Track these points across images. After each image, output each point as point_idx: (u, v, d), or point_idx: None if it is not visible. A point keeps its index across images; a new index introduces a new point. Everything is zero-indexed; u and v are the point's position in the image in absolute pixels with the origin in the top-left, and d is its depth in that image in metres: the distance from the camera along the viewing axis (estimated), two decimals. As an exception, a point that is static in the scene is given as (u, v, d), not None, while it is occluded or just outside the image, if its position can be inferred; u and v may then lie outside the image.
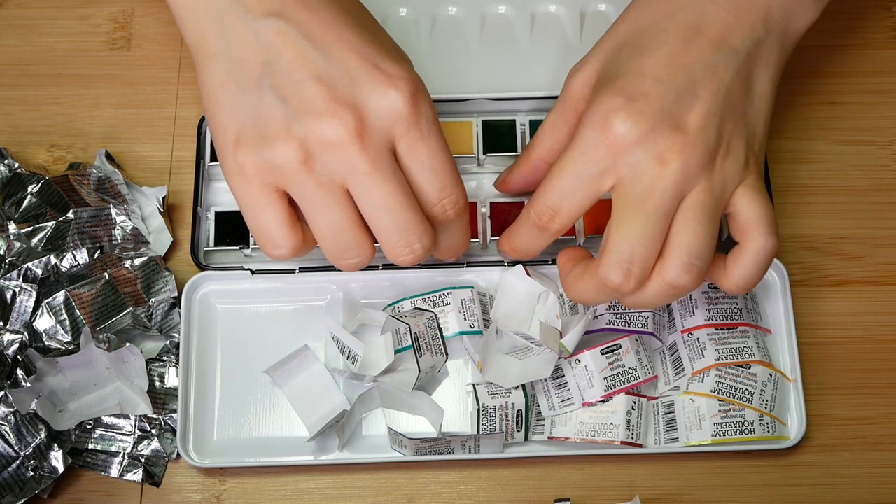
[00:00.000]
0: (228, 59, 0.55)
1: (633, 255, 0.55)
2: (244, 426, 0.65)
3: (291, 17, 0.55)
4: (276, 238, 0.56)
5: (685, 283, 0.56)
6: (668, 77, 0.56)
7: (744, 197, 0.57)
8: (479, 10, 0.73)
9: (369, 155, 0.54)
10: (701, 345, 0.63)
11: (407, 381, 0.62)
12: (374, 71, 0.54)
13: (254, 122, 0.55)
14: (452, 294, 0.64)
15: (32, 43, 0.75)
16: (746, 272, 0.57)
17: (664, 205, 0.55)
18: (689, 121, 0.55)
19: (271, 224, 0.56)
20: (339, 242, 0.56)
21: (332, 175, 0.54)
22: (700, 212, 0.55)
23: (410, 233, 0.56)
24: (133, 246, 0.67)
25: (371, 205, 0.55)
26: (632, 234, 0.55)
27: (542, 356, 0.62)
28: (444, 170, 0.57)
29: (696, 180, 0.55)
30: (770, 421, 0.63)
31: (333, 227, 0.56)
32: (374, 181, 0.54)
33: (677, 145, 0.55)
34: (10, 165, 0.68)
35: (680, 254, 0.55)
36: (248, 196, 0.56)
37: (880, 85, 0.73)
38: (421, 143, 0.55)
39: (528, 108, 0.70)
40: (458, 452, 0.63)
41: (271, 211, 0.56)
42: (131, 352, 0.63)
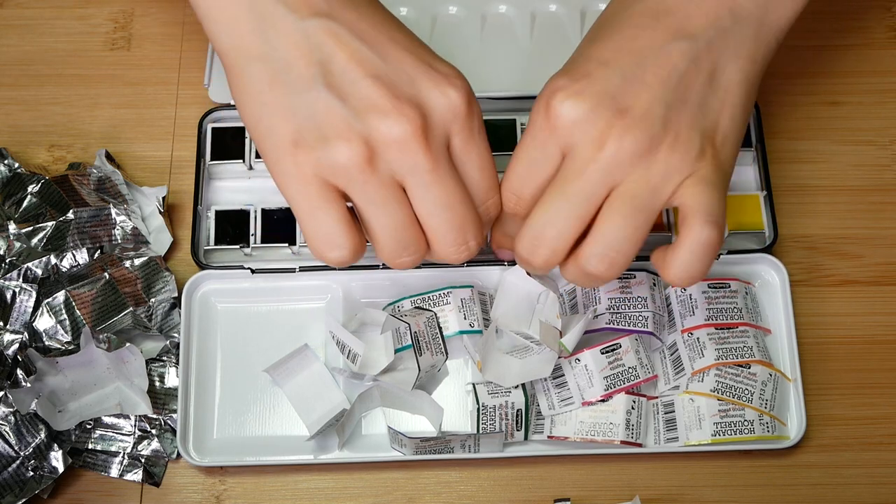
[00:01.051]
0: (274, 60, 0.54)
1: (543, 235, 0.55)
2: (244, 425, 0.65)
3: (340, 17, 0.54)
4: (337, 239, 0.55)
5: (599, 274, 0.55)
6: (614, 61, 0.55)
7: (689, 188, 0.54)
8: (480, 10, 0.73)
9: (432, 153, 0.53)
10: (701, 344, 0.63)
11: (407, 381, 0.62)
12: (431, 70, 0.54)
13: (312, 123, 0.53)
14: (452, 293, 0.64)
15: (32, 43, 0.75)
16: (684, 264, 0.55)
17: (588, 189, 0.54)
18: (632, 105, 0.54)
19: (331, 225, 0.54)
20: (400, 240, 0.55)
21: (393, 174, 0.54)
22: (628, 202, 0.54)
23: (467, 230, 0.56)
24: (133, 246, 0.67)
25: (431, 202, 0.55)
26: (547, 213, 0.55)
27: (542, 356, 0.62)
28: (491, 171, 0.57)
29: (632, 168, 0.54)
30: (770, 421, 0.63)
31: (395, 226, 0.55)
32: (434, 179, 0.54)
33: (615, 129, 0.53)
34: (10, 165, 0.68)
35: (597, 243, 0.54)
36: (306, 198, 0.54)
37: (880, 85, 0.73)
38: (472, 143, 0.56)
39: (528, 107, 0.70)
40: (458, 452, 0.63)
41: (332, 212, 0.54)
42: (131, 352, 0.63)
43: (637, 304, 0.63)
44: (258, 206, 0.68)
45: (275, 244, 0.67)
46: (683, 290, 0.65)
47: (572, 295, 0.65)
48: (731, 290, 0.64)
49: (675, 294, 0.65)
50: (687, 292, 0.64)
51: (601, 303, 0.64)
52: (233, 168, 0.69)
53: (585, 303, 0.64)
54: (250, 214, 0.68)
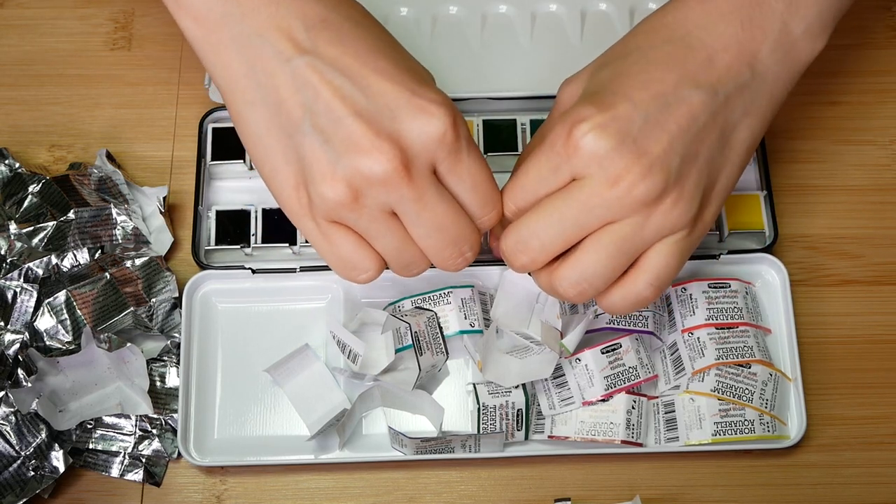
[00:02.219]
0: (267, 104, 0.55)
1: (529, 244, 0.56)
2: (245, 425, 0.65)
3: (324, 53, 0.54)
4: (360, 263, 0.56)
5: (567, 297, 0.56)
6: (641, 101, 0.54)
7: (664, 246, 0.55)
8: (480, 10, 0.73)
9: (415, 184, 0.54)
10: (701, 344, 0.63)
11: (407, 380, 0.62)
12: (413, 99, 0.54)
13: (304, 165, 0.54)
14: (453, 293, 0.64)
15: (33, 43, 0.75)
16: (613, 300, 0.57)
17: (585, 220, 0.55)
18: (651, 151, 0.54)
19: (351, 252, 0.56)
20: (401, 261, 0.57)
21: (382, 206, 0.54)
22: (617, 243, 0.55)
23: (461, 243, 0.56)
24: (134, 246, 0.67)
25: (422, 227, 0.55)
26: (539, 225, 0.56)
27: (543, 356, 0.62)
28: (486, 186, 0.57)
29: (633, 212, 0.54)
30: (770, 420, 0.63)
31: (393, 250, 0.56)
32: (422, 207, 0.54)
33: (632, 173, 0.53)
34: (10, 165, 0.68)
35: (574, 270, 0.55)
36: (318, 233, 0.56)
37: (880, 85, 0.73)
38: (461, 164, 0.55)
39: (528, 107, 0.70)
40: (459, 451, 0.63)
41: (346, 241, 0.56)
42: (132, 352, 0.63)
43: (637, 303, 0.64)
44: (259, 206, 0.68)
45: (275, 244, 0.67)
46: (684, 290, 0.65)
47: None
48: (731, 290, 0.65)
49: (675, 294, 0.65)
50: (687, 292, 0.64)
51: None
52: (233, 168, 0.69)
53: (585, 303, 0.64)
54: (251, 214, 0.68)
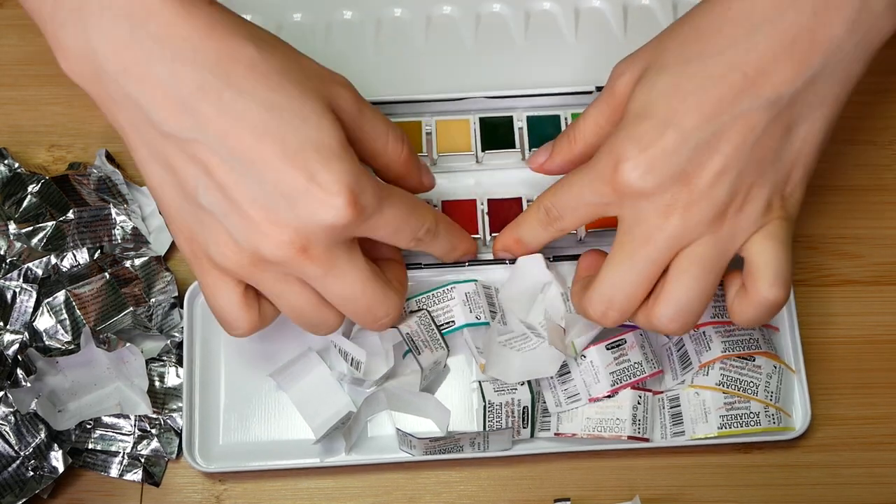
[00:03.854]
0: (159, 165, 0.53)
1: (613, 299, 0.56)
2: (249, 430, 0.65)
3: (212, 130, 0.50)
4: (234, 321, 0.56)
5: (670, 332, 0.56)
6: (691, 128, 0.53)
7: (756, 244, 0.54)
8: (474, 9, 0.73)
9: (319, 261, 0.53)
10: (707, 338, 0.63)
11: (412, 383, 0.62)
12: (310, 186, 0.51)
13: (200, 227, 0.53)
14: (456, 288, 0.64)
15: (32, 43, 0.74)
16: (748, 316, 0.56)
17: (656, 255, 0.54)
18: (701, 176, 0.53)
19: (229, 308, 0.55)
20: (306, 321, 0.56)
21: (286, 274, 0.54)
22: (697, 265, 0.54)
23: (376, 310, 0.56)
24: (133, 246, 0.67)
25: (332, 297, 0.55)
26: (616, 276, 0.55)
27: (547, 353, 0.62)
28: (409, 220, 0.56)
29: (699, 235, 0.54)
30: (775, 412, 0.63)
31: (296, 310, 0.56)
32: (329, 280, 0.54)
33: (681, 202, 0.53)
34: (10, 165, 0.68)
35: (668, 304, 0.55)
36: (204, 282, 0.55)
37: (880, 85, 0.73)
38: (376, 223, 0.54)
39: (525, 105, 0.70)
40: (468, 449, 0.63)
41: (227, 296, 0.55)
42: (131, 352, 0.63)
43: (645, 299, 0.64)
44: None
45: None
46: None
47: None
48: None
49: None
50: None
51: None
52: (233, 169, 0.69)
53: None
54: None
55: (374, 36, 0.73)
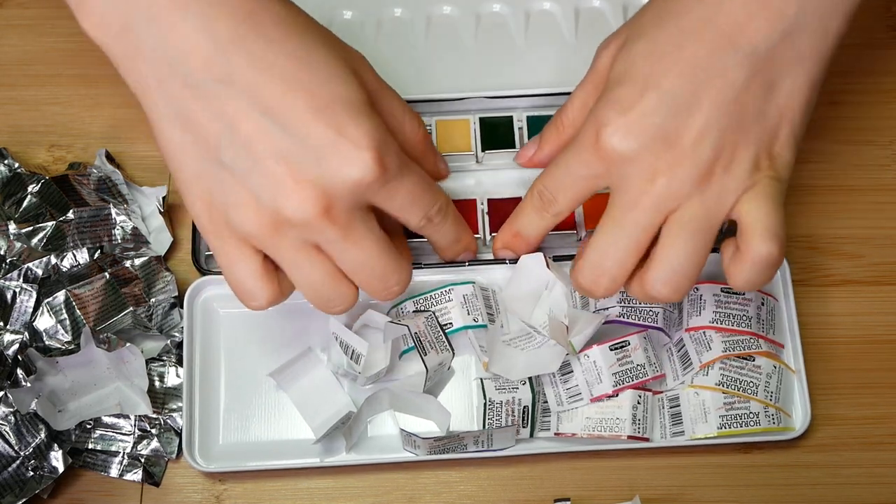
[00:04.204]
0: (179, 123, 0.52)
1: (603, 266, 0.56)
2: (249, 430, 0.65)
3: (241, 81, 0.50)
4: (253, 291, 0.55)
5: (664, 297, 0.56)
6: (669, 86, 0.53)
7: (746, 203, 0.54)
8: (474, 9, 0.73)
9: (339, 224, 0.52)
10: (707, 338, 0.63)
11: (416, 383, 0.62)
12: (338, 140, 0.51)
13: (220, 189, 0.52)
14: (454, 290, 0.64)
15: (32, 43, 0.75)
16: (744, 277, 0.55)
17: (644, 219, 0.54)
18: (683, 136, 0.53)
19: (247, 278, 0.55)
20: (321, 295, 0.55)
21: (304, 240, 0.53)
22: (687, 227, 0.54)
23: (389, 278, 0.56)
24: (133, 246, 0.67)
25: (348, 263, 0.54)
26: (606, 244, 0.55)
27: (550, 349, 0.62)
28: (425, 194, 0.56)
29: (686, 196, 0.54)
30: (775, 412, 0.63)
31: (313, 284, 0.55)
32: (347, 245, 0.53)
33: (665, 163, 0.53)
34: (10, 165, 0.68)
35: (661, 269, 0.55)
36: (222, 251, 0.54)
37: (880, 85, 0.73)
38: (396, 189, 0.54)
39: (525, 104, 0.70)
40: (472, 447, 0.63)
41: (246, 266, 0.54)
42: (131, 352, 0.63)
43: (648, 298, 0.64)
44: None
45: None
46: (696, 290, 0.64)
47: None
48: (744, 297, 0.64)
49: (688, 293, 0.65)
50: (699, 293, 0.64)
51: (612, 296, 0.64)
52: (232, 170, 0.69)
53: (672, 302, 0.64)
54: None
55: (374, 36, 0.73)
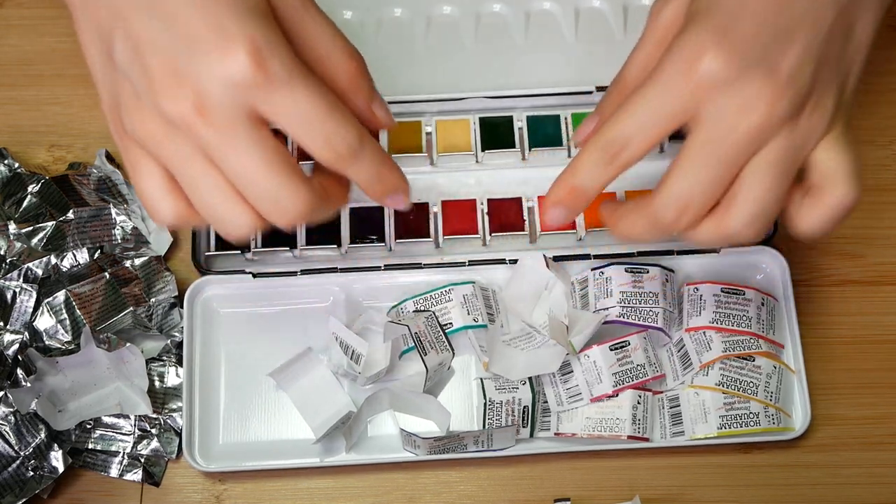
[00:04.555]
0: (86, 19, 0.52)
1: (692, 198, 0.53)
2: (249, 429, 0.65)
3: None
4: (157, 205, 0.53)
5: (745, 237, 0.54)
6: (767, 15, 0.52)
7: (827, 150, 0.53)
8: (474, 9, 0.73)
9: (217, 127, 0.50)
10: (707, 338, 0.63)
11: (416, 383, 0.62)
12: (213, 35, 0.49)
13: (118, 94, 0.52)
14: (454, 290, 0.64)
15: (33, 43, 0.75)
16: (820, 221, 0.54)
17: (736, 155, 0.52)
18: (782, 66, 0.51)
19: (152, 190, 0.53)
20: (213, 213, 0.52)
21: (192, 146, 0.51)
22: (774, 167, 0.53)
23: (281, 199, 0.51)
24: (133, 246, 0.67)
25: (233, 175, 0.51)
26: (696, 176, 0.53)
27: (550, 349, 0.62)
28: (326, 121, 0.51)
29: (777, 133, 0.52)
30: (775, 412, 0.63)
31: (203, 197, 0.52)
32: (229, 153, 0.51)
33: (766, 94, 0.51)
34: (10, 165, 0.68)
35: (745, 207, 0.53)
36: (126, 158, 0.53)
37: (880, 85, 0.73)
38: (284, 101, 0.50)
39: (525, 105, 0.70)
40: (472, 447, 0.63)
41: (150, 177, 0.53)
42: (131, 352, 0.63)
43: (648, 299, 0.63)
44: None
45: (276, 248, 0.67)
46: (696, 290, 0.64)
47: (584, 286, 0.65)
48: (744, 297, 0.64)
49: (687, 293, 0.65)
50: (699, 292, 0.64)
51: (612, 295, 0.64)
52: (232, 171, 0.69)
53: (597, 294, 0.64)
54: (250, 217, 0.68)
55: (374, 36, 0.73)
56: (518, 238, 0.67)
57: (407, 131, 0.68)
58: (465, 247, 0.68)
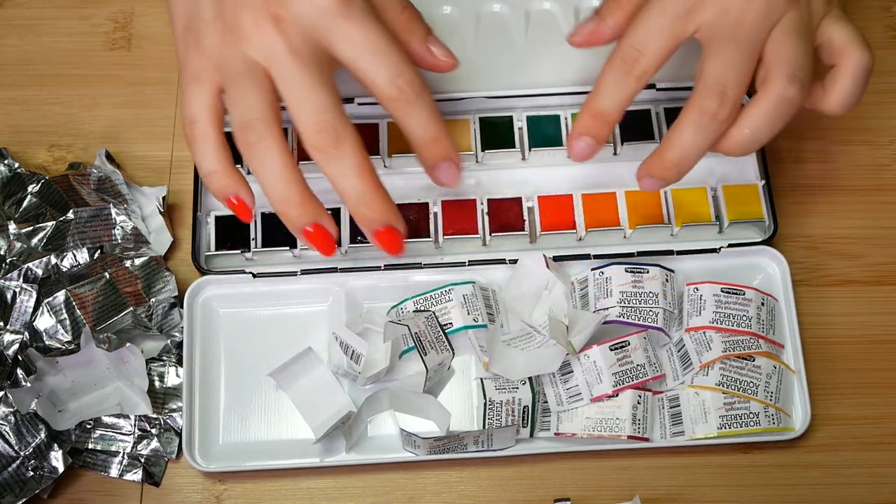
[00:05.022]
0: None
1: (727, 80, 0.57)
2: (249, 429, 0.65)
3: None
4: (195, 117, 0.57)
5: (792, 95, 0.57)
6: None
7: (830, 26, 0.58)
8: (474, 9, 0.73)
9: (288, 38, 0.55)
10: (707, 338, 0.63)
11: (416, 383, 0.62)
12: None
13: (196, 10, 0.56)
14: (454, 290, 0.64)
15: (32, 43, 0.75)
16: (847, 90, 0.59)
17: (753, 33, 0.57)
18: None
19: (194, 104, 0.57)
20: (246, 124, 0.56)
21: (254, 58, 0.55)
22: (793, 32, 0.57)
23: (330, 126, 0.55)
24: (133, 246, 0.67)
25: (288, 91, 0.55)
26: (724, 60, 0.57)
27: (550, 349, 0.62)
28: (392, 52, 0.56)
29: (784, 9, 0.57)
30: (775, 413, 0.63)
31: (244, 108, 0.56)
32: (291, 63, 0.55)
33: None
34: (10, 165, 0.68)
35: (781, 67, 0.57)
36: (188, 75, 0.57)
37: (880, 85, 0.73)
38: (356, 30, 0.55)
39: (525, 105, 0.70)
40: (472, 447, 0.63)
41: (200, 89, 0.57)
42: (131, 352, 0.63)
43: (648, 299, 0.63)
44: (258, 210, 0.68)
45: (276, 248, 0.67)
46: (696, 290, 0.64)
47: (584, 286, 0.65)
48: (744, 297, 0.64)
49: (688, 293, 0.65)
50: (699, 293, 0.64)
51: (612, 295, 0.64)
52: (231, 171, 0.69)
53: (597, 294, 0.64)
54: (250, 218, 0.68)
55: (374, 36, 0.73)
56: (518, 238, 0.67)
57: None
58: (465, 247, 0.68)
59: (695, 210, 0.67)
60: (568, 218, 0.67)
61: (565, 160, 0.69)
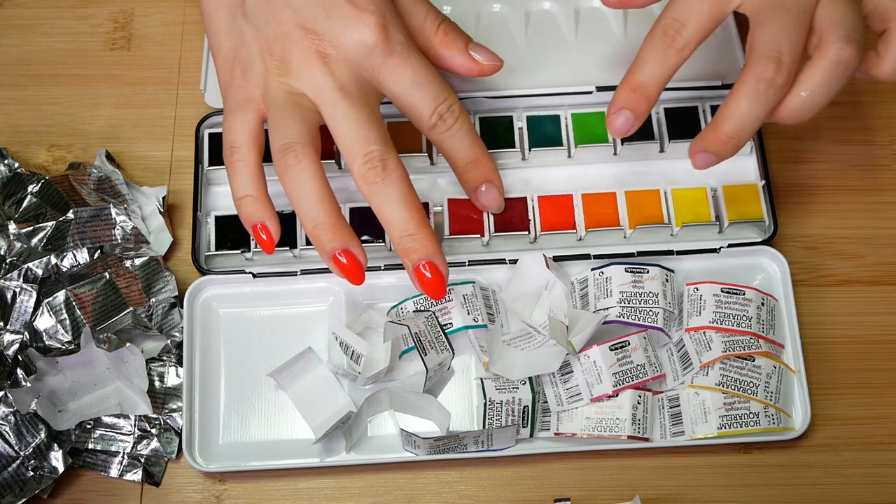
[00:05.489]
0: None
1: (781, 46, 0.56)
2: (249, 429, 0.65)
3: None
4: (237, 142, 0.59)
5: (848, 55, 0.56)
6: None
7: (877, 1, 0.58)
8: (474, 9, 0.73)
9: (335, 74, 0.57)
10: (707, 338, 0.63)
11: (416, 383, 0.62)
12: (350, 6, 0.57)
13: (242, 42, 0.59)
14: (454, 290, 0.64)
15: (32, 43, 0.75)
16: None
17: (802, 2, 0.56)
18: None
19: (236, 129, 0.59)
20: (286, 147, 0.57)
21: (302, 91, 0.58)
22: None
23: (373, 141, 0.57)
24: (133, 246, 0.67)
25: (336, 125, 0.57)
26: (776, 27, 0.56)
27: (550, 349, 0.62)
28: (432, 82, 0.59)
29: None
30: (775, 412, 0.63)
31: (285, 132, 0.57)
32: (339, 99, 0.57)
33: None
34: (10, 165, 0.68)
35: (835, 29, 0.56)
36: (232, 102, 0.59)
37: (880, 85, 0.73)
38: (401, 66, 0.58)
39: (525, 105, 0.70)
40: (472, 447, 0.63)
41: (245, 117, 0.59)
42: (131, 352, 0.63)
43: (648, 299, 0.63)
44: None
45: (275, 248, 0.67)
46: (696, 290, 0.64)
47: (584, 286, 0.65)
48: (745, 297, 0.64)
49: (688, 293, 0.65)
50: (699, 293, 0.64)
51: (612, 295, 0.64)
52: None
53: (597, 294, 0.64)
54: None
55: (374, 36, 0.73)
56: (518, 238, 0.67)
57: (408, 131, 0.68)
58: (466, 247, 0.68)
59: (695, 210, 0.67)
60: (568, 218, 0.67)
61: (565, 160, 0.69)
